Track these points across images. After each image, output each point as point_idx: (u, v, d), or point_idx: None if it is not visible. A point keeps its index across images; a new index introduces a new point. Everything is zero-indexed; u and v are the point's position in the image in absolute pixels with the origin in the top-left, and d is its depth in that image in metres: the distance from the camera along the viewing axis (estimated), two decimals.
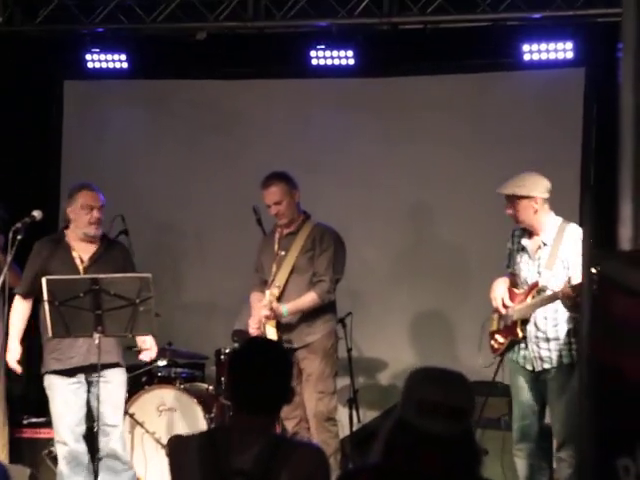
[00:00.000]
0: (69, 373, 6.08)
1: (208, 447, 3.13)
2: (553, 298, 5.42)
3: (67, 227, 6.33)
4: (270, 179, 6.45)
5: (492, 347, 5.79)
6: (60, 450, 6.12)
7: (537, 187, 5.57)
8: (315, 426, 6.25)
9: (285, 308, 6.22)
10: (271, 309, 6.18)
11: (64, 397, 6.05)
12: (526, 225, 5.65)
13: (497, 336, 5.75)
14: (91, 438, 6.16)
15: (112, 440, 6.09)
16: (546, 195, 5.60)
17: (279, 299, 6.26)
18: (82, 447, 6.09)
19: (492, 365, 5.81)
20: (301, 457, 3.09)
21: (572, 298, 5.24)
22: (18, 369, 6.19)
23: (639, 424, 2.33)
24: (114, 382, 6.14)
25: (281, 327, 6.28)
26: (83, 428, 6.11)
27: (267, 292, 6.28)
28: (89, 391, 6.11)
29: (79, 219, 6.20)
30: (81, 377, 6.11)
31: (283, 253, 6.36)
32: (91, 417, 6.19)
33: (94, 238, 6.23)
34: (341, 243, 6.43)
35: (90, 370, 6.01)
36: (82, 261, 6.19)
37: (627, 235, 2.73)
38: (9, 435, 6.78)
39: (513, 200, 5.59)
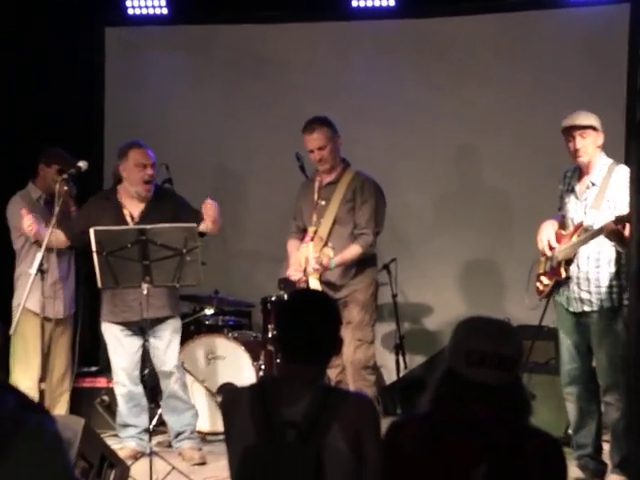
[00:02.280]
0: (125, 324, 6.28)
1: (259, 399, 3.15)
2: (596, 234, 5.35)
3: (118, 183, 6.41)
4: (313, 124, 6.36)
5: (537, 289, 5.75)
6: (119, 390, 6.38)
7: (599, 122, 5.53)
8: (352, 373, 6.22)
9: (333, 262, 6.19)
10: (321, 264, 6.14)
11: (120, 342, 6.30)
12: (588, 160, 5.53)
13: (542, 278, 5.71)
14: (151, 380, 6.39)
15: (172, 382, 6.36)
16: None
17: (323, 249, 6.23)
18: (139, 389, 6.36)
19: (538, 307, 5.77)
20: (351, 408, 3.10)
21: (616, 231, 5.18)
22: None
23: None
24: (168, 330, 6.37)
25: (322, 279, 6.25)
26: (138, 372, 6.36)
27: (310, 244, 6.25)
28: (145, 339, 6.30)
29: (132, 177, 6.29)
30: (135, 328, 6.31)
31: (323, 203, 6.32)
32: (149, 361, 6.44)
33: (146, 198, 6.31)
34: (381, 194, 6.37)
35: (145, 324, 6.13)
36: (132, 218, 6.29)
37: None
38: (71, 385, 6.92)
39: (585, 132, 5.48)
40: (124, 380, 6.33)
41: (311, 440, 3.05)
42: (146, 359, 6.46)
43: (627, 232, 5.08)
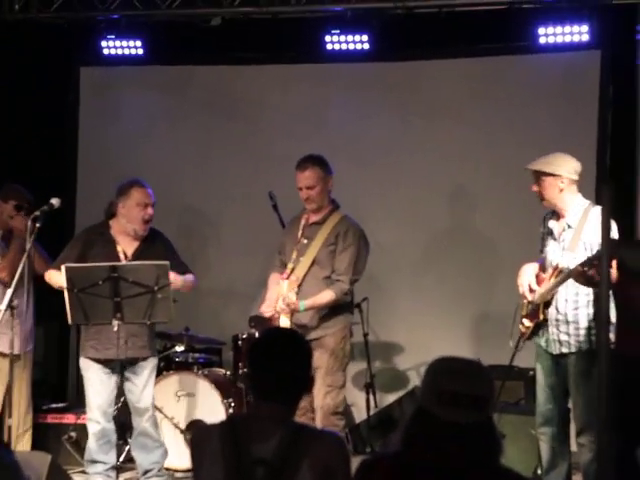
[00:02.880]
0: (105, 362, 6.22)
1: (229, 436, 3.13)
2: (566, 278, 5.40)
3: (110, 218, 6.39)
4: (306, 162, 6.28)
5: (520, 331, 5.80)
6: (92, 428, 6.30)
7: (565, 166, 5.55)
8: (321, 418, 6.11)
9: (303, 304, 6.08)
10: (288, 304, 6.05)
11: (99, 379, 6.22)
12: (550, 204, 5.61)
13: (524, 320, 5.75)
14: (120, 417, 6.39)
15: (144, 419, 6.32)
16: (574, 176, 5.56)
17: (297, 289, 6.13)
18: (112, 426, 6.30)
19: (521, 349, 5.80)
20: (322, 446, 3.10)
21: (582, 274, 5.22)
22: None
23: None
24: (148, 369, 6.35)
25: (293, 319, 6.16)
26: (113, 409, 6.31)
27: (285, 282, 6.17)
28: (122, 375, 6.29)
29: (132, 216, 6.27)
30: (115, 365, 6.26)
31: (305, 242, 6.24)
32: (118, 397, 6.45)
33: (141, 237, 6.31)
34: (365, 242, 6.29)
35: (125, 362, 6.21)
36: (126, 256, 6.26)
37: None
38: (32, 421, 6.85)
39: (539, 177, 5.55)
40: (98, 417, 6.25)
41: (281, 478, 3.04)
42: (115, 396, 6.43)
43: (593, 273, 5.14)
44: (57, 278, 6.11)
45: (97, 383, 6.22)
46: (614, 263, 4.97)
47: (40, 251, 6.67)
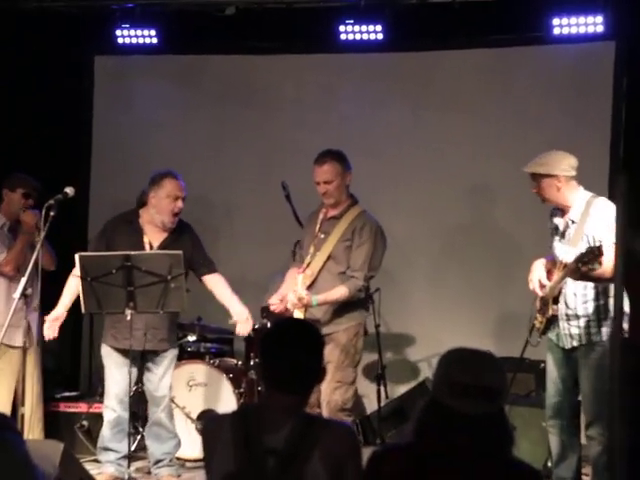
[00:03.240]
0: (124, 351, 6.23)
1: (240, 426, 3.14)
2: (565, 274, 5.40)
3: (141, 207, 6.40)
4: (325, 156, 6.22)
5: (535, 327, 5.80)
6: (108, 415, 6.34)
7: (559, 165, 5.52)
8: (327, 414, 5.99)
9: (315, 299, 6.05)
10: (300, 299, 6.03)
11: (117, 368, 6.23)
12: (552, 203, 5.63)
13: (537, 315, 5.75)
14: (133, 406, 6.36)
15: (160, 409, 6.36)
16: (571, 173, 5.52)
17: (312, 283, 6.13)
18: (126, 415, 6.28)
19: (539, 344, 5.80)
20: (333, 436, 3.10)
21: (576, 270, 5.21)
22: (49, 334, 6.22)
23: None
24: (167, 359, 6.40)
25: (307, 314, 6.14)
26: (129, 398, 6.28)
27: (300, 277, 6.16)
28: (142, 365, 6.35)
29: (162, 207, 6.27)
30: (136, 355, 6.28)
31: (322, 236, 6.20)
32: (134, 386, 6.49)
33: (170, 229, 6.32)
34: (382, 238, 6.24)
35: (146, 352, 6.27)
36: (151, 247, 6.27)
37: None
38: (44, 411, 6.87)
39: (536, 178, 5.56)
40: (115, 405, 6.29)
41: (292, 468, 3.04)
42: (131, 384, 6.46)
43: (592, 269, 5.13)
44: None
45: (116, 372, 6.24)
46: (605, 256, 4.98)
47: (46, 245, 6.65)
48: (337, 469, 3.06)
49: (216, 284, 6.45)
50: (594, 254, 5.06)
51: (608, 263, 4.98)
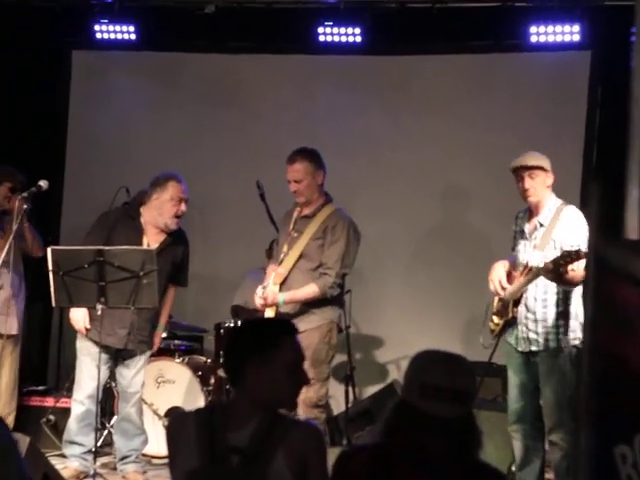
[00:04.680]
0: (105, 346, 6.22)
1: (206, 423, 3.12)
2: (535, 275, 5.42)
3: (142, 204, 6.38)
4: (296, 155, 6.21)
5: (490, 328, 5.83)
6: (76, 409, 6.32)
7: (548, 163, 5.56)
8: (302, 411, 5.95)
9: (282, 298, 6.06)
10: (266, 297, 6.04)
11: (94, 363, 6.14)
12: (536, 200, 5.59)
13: (494, 317, 5.78)
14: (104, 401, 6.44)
15: (130, 405, 6.38)
16: None
17: (283, 282, 6.10)
18: (96, 409, 6.25)
19: (492, 346, 5.84)
20: (297, 435, 3.09)
21: (551, 271, 5.24)
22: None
23: (638, 412, 2.36)
24: (143, 359, 6.44)
25: (278, 311, 6.13)
26: (100, 392, 6.26)
27: (272, 275, 6.16)
28: (116, 361, 6.36)
29: (165, 209, 6.28)
30: (113, 351, 6.32)
31: (296, 235, 6.17)
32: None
33: (169, 231, 6.34)
34: (356, 235, 6.22)
35: (122, 351, 6.30)
36: None
37: (634, 224, 2.73)
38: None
39: (533, 172, 5.51)
40: (84, 399, 6.26)
41: (255, 467, 3.03)
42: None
43: (569, 271, 5.17)
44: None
45: (92, 367, 6.16)
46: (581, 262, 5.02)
47: (34, 233, 6.65)
48: (302, 468, 3.05)
49: (169, 295, 6.54)
50: (572, 257, 5.09)
51: (579, 268, 5.03)
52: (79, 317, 6.23)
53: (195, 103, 8.69)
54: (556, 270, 5.20)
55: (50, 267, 5.77)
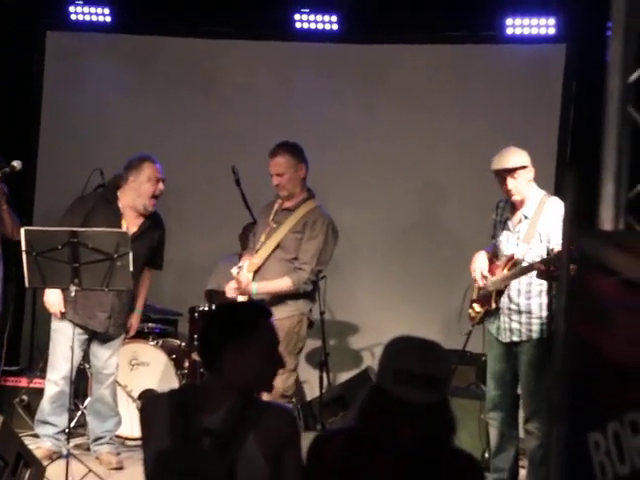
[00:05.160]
0: (82, 327, 6.25)
1: (178, 405, 3.12)
2: (526, 270, 5.47)
3: (118, 188, 6.39)
4: (278, 148, 6.21)
5: (469, 315, 5.87)
6: (50, 389, 6.33)
7: (526, 157, 5.58)
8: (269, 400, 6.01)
9: (255, 287, 6.07)
10: (239, 282, 6.06)
11: (69, 344, 6.08)
12: (522, 197, 5.62)
13: (474, 305, 5.82)
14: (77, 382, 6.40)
15: (104, 386, 6.41)
16: None
17: (257, 272, 6.13)
18: (69, 391, 6.18)
19: (467, 334, 5.89)
20: (270, 418, 3.07)
21: (544, 271, 5.30)
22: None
23: (612, 401, 2.41)
24: (118, 341, 6.49)
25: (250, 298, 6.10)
26: (74, 373, 6.21)
27: (246, 262, 6.18)
28: (90, 343, 6.39)
29: (142, 190, 6.31)
30: (90, 333, 6.34)
31: (275, 226, 6.18)
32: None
33: (147, 213, 6.36)
34: (333, 232, 6.23)
35: (99, 333, 6.34)
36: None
37: (608, 215, 2.78)
38: None
39: (514, 172, 5.53)
40: (59, 380, 6.26)
41: (226, 449, 3.02)
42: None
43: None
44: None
45: (67, 348, 6.10)
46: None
47: (13, 216, 6.62)
48: (275, 452, 3.04)
49: (145, 278, 6.59)
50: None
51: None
52: (54, 300, 6.24)
53: (171, 87, 8.66)
54: (548, 270, 5.24)
55: (23, 247, 5.73)
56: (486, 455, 6.01)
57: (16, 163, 6.20)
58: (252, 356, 3.11)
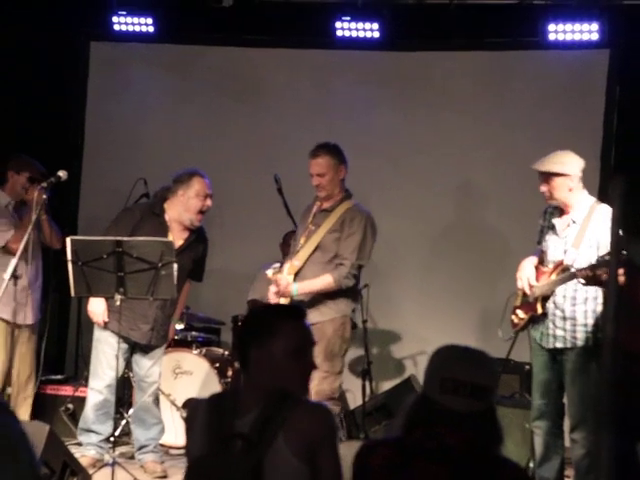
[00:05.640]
0: (125, 338, 6.30)
1: (215, 409, 3.14)
2: (572, 276, 5.41)
3: (165, 200, 6.41)
4: (319, 149, 6.24)
5: (512, 322, 5.82)
6: (93, 398, 6.37)
7: (573, 165, 5.54)
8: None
9: (295, 288, 6.07)
10: (279, 286, 6.06)
11: (113, 353, 6.18)
12: (559, 203, 5.61)
13: (518, 311, 5.77)
14: (118, 391, 6.42)
15: (147, 394, 6.42)
16: (580, 174, 5.57)
17: (296, 274, 6.12)
18: (114, 399, 6.33)
19: (511, 340, 5.85)
20: (301, 417, 3.03)
21: (591, 277, 5.24)
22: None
23: None
24: (161, 350, 6.52)
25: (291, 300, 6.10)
26: (116, 382, 6.31)
27: (286, 265, 6.20)
28: (133, 352, 6.44)
29: (190, 205, 6.33)
30: (131, 341, 6.38)
31: (313, 228, 6.20)
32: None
33: (193, 228, 6.39)
34: (372, 228, 6.22)
35: (142, 344, 6.38)
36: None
37: None
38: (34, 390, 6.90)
39: (549, 177, 5.52)
40: (102, 389, 6.31)
41: (254, 451, 3.00)
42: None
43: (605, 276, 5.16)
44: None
45: (112, 358, 6.19)
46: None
47: (52, 224, 6.69)
48: (309, 450, 3.01)
49: (185, 289, 6.61)
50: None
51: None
52: (98, 309, 6.28)
53: (212, 96, 8.71)
54: (594, 275, 5.20)
55: (69, 257, 5.77)
56: (531, 465, 5.96)
57: (62, 173, 6.24)
58: (276, 359, 3.11)
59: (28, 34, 8.25)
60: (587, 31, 7.67)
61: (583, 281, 5.34)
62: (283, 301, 6.09)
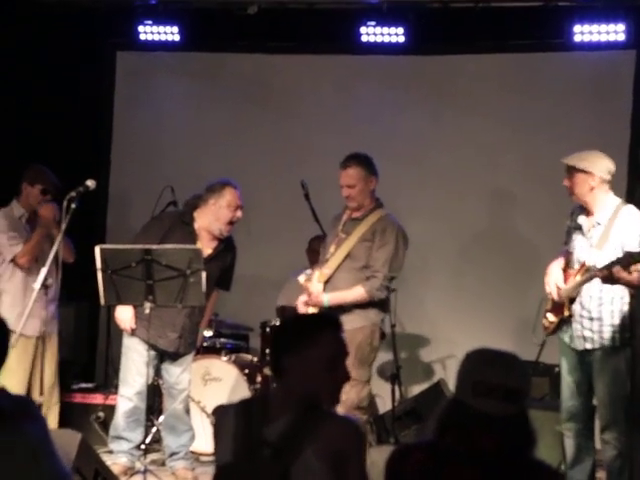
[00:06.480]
0: (153, 345, 6.30)
1: (243, 416, 3.13)
2: (591, 277, 5.40)
3: (195, 208, 6.43)
4: (349, 160, 6.19)
5: (543, 326, 5.82)
6: (123, 405, 6.37)
7: (598, 165, 5.53)
8: (343, 412, 5.57)
9: (327, 298, 6.04)
10: (309, 294, 6.06)
11: (142, 361, 6.22)
12: (579, 200, 5.61)
13: (548, 314, 5.76)
14: (149, 399, 6.42)
15: (177, 401, 6.44)
16: (606, 176, 5.54)
17: (326, 282, 6.11)
18: (144, 406, 6.34)
19: (544, 343, 5.84)
20: (331, 429, 3.04)
21: (609, 276, 5.21)
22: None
23: None
24: (189, 357, 6.54)
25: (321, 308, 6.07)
26: (146, 389, 6.32)
27: (316, 273, 6.17)
28: (162, 359, 6.45)
29: (221, 215, 6.34)
30: (160, 349, 6.39)
31: (344, 236, 6.17)
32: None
33: (221, 238, 6.40)
34: (403, 240, 6.19)
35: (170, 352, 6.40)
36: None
37: None
38: (59, 397, 6.91)
39: (572, 172, 5.55)
40: (132, 396, 6.32)
41: (281, 460, 3.00)
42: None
43: (624, 274, 5.15)
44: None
45: (141, 365, 6.22)
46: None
47: (65, 238, 6.69)
48: (338, 464, 3.01)
49: (212, 298, 6.59)
50: (634, 259, 5.07)
51: None
52: (125, 317, 6.30)
53: (238, 103, 8.74)
54: (610, 273, 5.19)
55: (98, 265, 5.79)
56: (562, 467, 5.93)
57: (90, 182, 6.24)
58: (312, 368, 3.12)
59: (55, 44, 8.30)
60: (613, 32, 7.64)
61: (601, 280, 5.33)
62: (312, 310, 6.08)
